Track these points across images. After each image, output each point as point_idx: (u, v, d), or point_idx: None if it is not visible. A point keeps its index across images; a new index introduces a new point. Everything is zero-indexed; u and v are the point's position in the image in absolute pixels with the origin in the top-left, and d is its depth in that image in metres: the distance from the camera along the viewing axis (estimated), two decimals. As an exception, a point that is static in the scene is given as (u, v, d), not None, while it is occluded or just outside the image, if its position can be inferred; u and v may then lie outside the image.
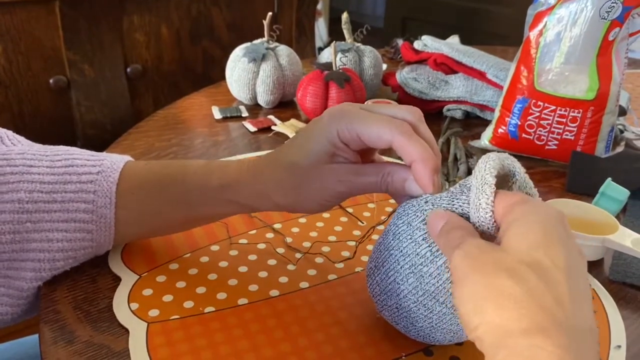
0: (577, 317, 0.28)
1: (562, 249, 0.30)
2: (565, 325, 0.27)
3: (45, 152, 0.48)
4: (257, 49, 0.89)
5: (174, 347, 0.41)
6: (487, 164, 0.36)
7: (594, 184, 0.63)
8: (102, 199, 0.46)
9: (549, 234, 0.30)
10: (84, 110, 1.31)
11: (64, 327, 0.43)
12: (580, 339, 0.27)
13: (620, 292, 0.51)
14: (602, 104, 0.70)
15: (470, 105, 0.90)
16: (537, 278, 0.28)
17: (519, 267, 0.29)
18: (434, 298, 0.36)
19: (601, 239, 0.52)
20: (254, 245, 0.54)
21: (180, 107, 0.93)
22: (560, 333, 0.26)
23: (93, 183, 0.46)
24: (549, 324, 0.26)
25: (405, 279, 0.37)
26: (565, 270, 0.29)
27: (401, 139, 0.38)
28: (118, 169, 0.47)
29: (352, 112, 0.40)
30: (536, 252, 0.29)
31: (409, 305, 0.38)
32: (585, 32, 0.69)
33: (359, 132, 0.39)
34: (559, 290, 0.28)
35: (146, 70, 1.40)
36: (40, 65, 1.23)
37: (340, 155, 0.41)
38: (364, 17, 3.45)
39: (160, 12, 1.37)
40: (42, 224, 0.45)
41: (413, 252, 0.37)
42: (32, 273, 0.46)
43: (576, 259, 0.31)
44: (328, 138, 0.40)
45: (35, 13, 1.19)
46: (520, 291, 0.27)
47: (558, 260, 0.29)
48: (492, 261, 0.30)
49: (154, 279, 0.48)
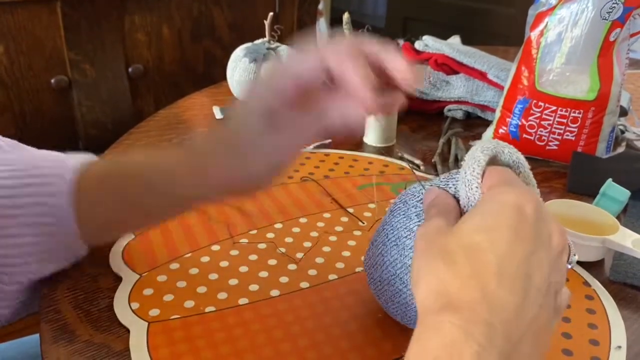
0: (500, 297, 0.28)
1: (507, 232, 0.30)
2: (482, 304, 0.27)
3: (11, 157, 0.47)
4: (258, 49, 0.90)
5: (174, 346, 0.41)
6: (481, 146, 0.36)
7: (595, 185, 0.63)
8: (61, 201, 0.45)
9: (498, 217, 0.31)
10: (85, 110, 1.31)
11: (64, 327, 0.44)
12: (499, 318, 0.27)
13: (621, 293, 0.50)
14: (603, 105, 0.70)
15: (471, 106, 0.90)
16: (467, 260, 0.29)
17: (456, 250, 0.30)
18: (410, 272, 0.37)
19: (601, 240, 0.52)
20: (255, 245, 0.54)
21: (181, 107, 0.93)
22: (472, 311, 0.27)
23: (51, 185, 0.45)
24: (463, 303, 0.27)
25: (389, 251, 0.39)
26: (503, 254, 0.29)
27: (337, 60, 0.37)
28: (75, 170, 0.46)
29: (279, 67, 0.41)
30: (478, 234, 0.30)
31: (388, 278, 0.39)
32: (586, 32, 0.69)
33: (292, 81, 0.39)
34: (485, 271, 0.29)
35: (147, 70, 1.40)
36: (42, 65, 1.23)
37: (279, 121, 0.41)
38: (365, 17, 3.45)
39: (162, 12, 1.37)
40: (8, 230, 0.44)
41: (402, 226, 0.38)
42: (7, 277, 0.45)
43: (527, 244, 0.30)
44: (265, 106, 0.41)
45: (36, 13, 1.19)
46: (446, 272, 0.29)
47: (497, 243, 0.29)
48: (437, 244, 0.31)
49: (155, 278, 0.49)
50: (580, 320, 0.46)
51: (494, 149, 0.36)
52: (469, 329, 0.26)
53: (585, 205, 0.57)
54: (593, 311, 0.47)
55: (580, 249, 0.53)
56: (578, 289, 0.50)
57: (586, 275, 0.52)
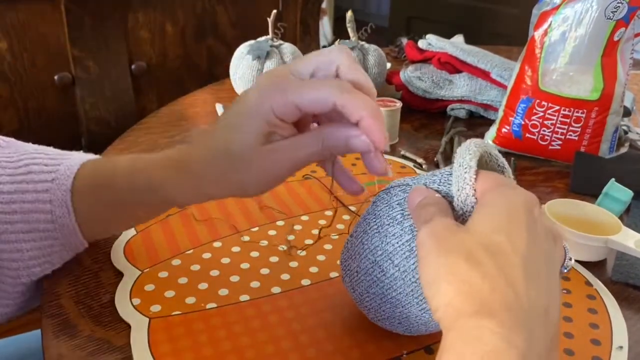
0: (531, 299, 0.28)
1: (525, 233, 0.30)
2: (516, 307, 0.27)
3: (11, 158, 0.46)
4: (261, 46, 0.90)
5: (175, 342, 0.41)
6: (470, 148, 0.36)
7: (598, 185, 0.63)
8: (59, 209, 0.45)
9: (514, 218, 0.31)
10: (88, 106, 1.31)
11: (66, 322, 0.44)
12: (532, 320, 0.27)
13: (623, 293, 0.50)
14: (607, 105, 0.70)
15: (474, 105, 0.90)
16: (492, 261, 0.28)
17: (477, 250, 0.29)
18: (389, 259, 0.37)
19: (604, 240, 0.52)
20: (256, 242, 0.54)
21: (184, 104, 0.93)
22: (510, 315, 0.27)
23: (48, 192, 0.45)
24: (498, 305, 0.27)
25: (370, 239, 0.38)
26: (525, 254, 0.29)
27: (345, 97, 0.36)
28: (71, 175, 0.45)
29: (283, 82, 0.38)
30: (498, 235, 0.30)
31: (367, 266, 0.39)
32: (591, 32, 0.69)
33: (297, 103, 0.37)
34: (512, 273, 0.28)
35: (150, 68, 1.40)
36: (45, 62, 1.23)
37: (276, 133, 0.39)
38: (368, 16, 3.45)
39: (165, 9, 1.37)
40: (7, 235, 0.44)
41: (385, 214, 0.38)
42: (11, 279, 0.46)
43: (541, 243, 0.31)
44: (263, 118, 0.38)
45: (40, 9, 1.19)
46: (473, 273, 0.28)
47: (518, 244, 0.29)
48: (454, 242, 0.30)
49: (156, 274, 0.49)
50: (581, 320, 0.46)
51: (484, 147, 0.37)
52: (509, 335, 0.26)
53: (588, 205, 0.57)
54: (595, 311, 0.47)
55: (583, 249, 0.53)
56: (580, 289, 0.50)
57: (588, 275, 0.52)
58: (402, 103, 0.85)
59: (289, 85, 0.37)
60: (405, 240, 0.37)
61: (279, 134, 0.39)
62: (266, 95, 0.38)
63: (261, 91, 0.38)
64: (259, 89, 0.38)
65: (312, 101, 0.37)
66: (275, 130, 0.38)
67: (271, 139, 0.39)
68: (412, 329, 0.39)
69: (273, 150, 0.39)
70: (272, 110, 0.37)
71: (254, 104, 0.38)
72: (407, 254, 0.36)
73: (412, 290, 0.37)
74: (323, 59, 0.38)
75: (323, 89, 0.36)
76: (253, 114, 0.38)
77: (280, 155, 0.39)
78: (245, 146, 0.39)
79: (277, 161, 0.39)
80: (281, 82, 0.38)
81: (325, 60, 0.38)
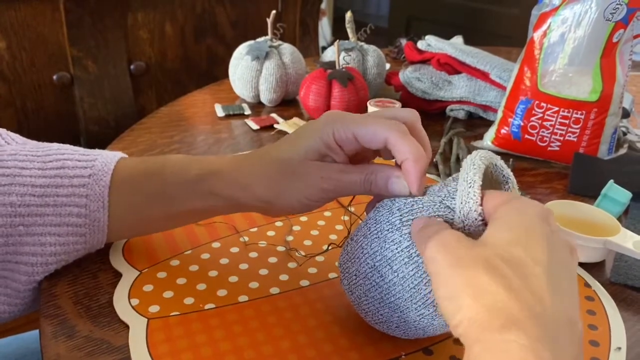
0: (556, 311, 0.28)
1: (544, 245, 0.30)
2: (543, 318, 0.27)
3: (37, 153, 0.47)
4: (260, 47, 0.90)
5: (173, 343, 0.41)
6: (475, 161, 0.36)
7: (596, 186, 0.63)
8: (95, 203, 0.45)
9: (530, 230, 0.31)
10: (87, 106, 1.31)
11: (64, 322, 0.44)
12: (559, 332, 0.27)
13: (621, 294, 0.50)
14: (606, 106, 0.70)
15: (473, 106, 0.90)
16: (514, 273, 0.28)
17: (497, 262, 0.29)
18: (388, 264, 0.37)
19: (603, 241, 0.52)
20: (255, 243, 0.54)
21: (183, 104, 0.93)
22: (537, 327, 0.26)
23: (85, 187, 0.45)
24: (524, 318, 0.27)
25: (370, 244, 0.39)
26: (546, 265, 0.29)
27: (396, 135, 0.38)
28: (109, 171, 0.46)
29: (349, 115, 0.41)
30: (515, 248, 0.30)
31: (365, 271, 0.39)
32: (590, 33, 0.69)
33: (354, 132, 0.40)
34: (536, 284, 0.28)
35: (150, 67, 1.40)
36: (44, 61, 1.23)
37: (330, 156, 0.41)
38: (368, 17, 3.45)
39: (165, 9, 1.37)
40: (35, 228, 0.45)
41: (385, 220, 0.38)
42: (25, 277, 0.46)
43: (559, 254, 0.31)
44: (322, 137, 0.41)
45: (39, 9, 1.19)
46: (497, 286, 0.28)
47: (538, 255, 0.29)
48: (470, 255, 0.30)
49: (155, 275, 0.49)
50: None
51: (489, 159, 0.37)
52: (537, 348, 0.25)
53: (587, 206, 0.57)
54: (593, 312, 0.47)
55: (582, 250, 0.53)
56: (579, 290, 0.50)
57: (587, 277, 0.52)
58: (401, 104, 0.85)
59: (353, 117, 0.41)
60: (404, 247, 0.37)
61: (332, 158, 0.41)
62: (331, 121, 0.41)
63: (328, 117, 0.42)
64: (327, 115, 0.42)
65: (368, 133, 0.39)
66: (330, 154, 0.41)
67: (323, 159, 0.42)
68: (409, 333, 0.39)
69: (319, 167, 0.41)
70: (333, 134, 0.40)
71: (318, 126, 0.41)
72: (406, 260, 0.36)
73: (411, 296, 0.37)
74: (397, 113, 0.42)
75: (380, 124, 0.39)
76: (314, 134, 0.41)
77: (324, 173, 0.41)
78: (295, 155, 0.42)
79: (319, 178, 0.41)
80: (348, 114, 0.41)
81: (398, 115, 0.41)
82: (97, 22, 1.26)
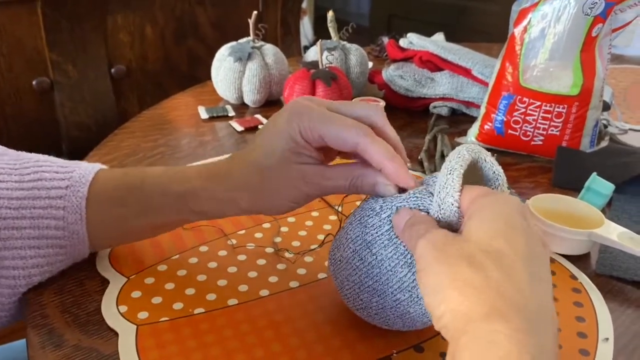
0: (536, 301, 0.28)
1: (522, 237, 0.31)
2: (524, 309, 0.28)
3: (14, 165, 0.46)
4: (242, 48, 0.89)
5: (163, 349, 0.41)
6: (460, 152, 0.37)
7: (580, 179, 0.64)
8: (73, 215, 0.45)
9: (509, 223, 0.32)
10: (67, 111, 1.29)
11: (52, 331, 0.43)
12: (540, 323, 0.28)
13: (607, 285, 0.51)
14: (587, 99, 0.71)
15: (456, 102, 0.90)
16: (496, 265, 0.29)
17: (479, 256, 0.30)
18: (368, 248, 0.38)
19: (587, 233, 0.53)
20: (243, 245, 0.54)
21: (166, 107, 0.92)
22: (520, 317, 0.27)
23: (62, 199, 0.45)
24: (507, 308, 0.27)
25: (353, 230, 0.40)
26: (525, 257, 0.30)
27: (365, 141, 0.38)
28: (87, 182, 0.46)
29: (313, 110, 0.40)
30: (496, 241, 0.30)
31: (348, 255, 0.40)
32: (569, 28, 0.70)
33: (321, 134, 0.40)
34: (518, 276, 0.29)
35: (130, 71, 1.38)
36: (23, 67, 1.22)
37: (303, 154, 0.41)
38: (349, 15, 3.45)
39: (145, 11, 1.36)
40: (13, 241, 0.44)
41: (368, 207, 0.40)
42: (8, 290, 0.45)
43: (536, 246, 0.32)
44: (290, 135, 0.40)
45: (16, 13, 1.17)
46: (479, 279, 0.29)
47: (518, 247, 0.30)
48: (454, 251, 0.31)
49: (143, 281, 0.48)
50: (567, 313, 0.47)
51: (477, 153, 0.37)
52: (522, 339, 0.26)
53: (571, 199, 0.58)
54: (580, 304, 0.48)
55: (567, 242, 0.54)
56: (565, 283, 0.51)
57: (573, 269, 0.53)
58: (385, 102, 0.85)
59: (318, 115, 0.40)
60: (384, 231, 0.38)
61: (306, 154, 0.41)
62: (295, 117, 0.40)
63: (291, 112, 0.41)
64: (290, 112, 0.41)
65: (336, 138, 0.39)
66: (302, 151, 0.41)
67: (300, 159, 0.41)
68: (389, 322, 0.40)
69: (301, 171, 0.41)
70: (299, 132, 0.40)
71: (283, 122, 0.41)
72: (386, 243, 0.38)
73: (388, 279, 0.38)
74: (362, 113, 0.41)
75: (347, 129, 0.39)
76: (282, 131, 0.41)
77: (307, 178, 0.41)
78: (275, 159, 0.41)
79: (303, 182, 0.41)
80: (311, 109, 0.40)
81: (363, 115, 0.41)
82: (75, 26, 1.24)
